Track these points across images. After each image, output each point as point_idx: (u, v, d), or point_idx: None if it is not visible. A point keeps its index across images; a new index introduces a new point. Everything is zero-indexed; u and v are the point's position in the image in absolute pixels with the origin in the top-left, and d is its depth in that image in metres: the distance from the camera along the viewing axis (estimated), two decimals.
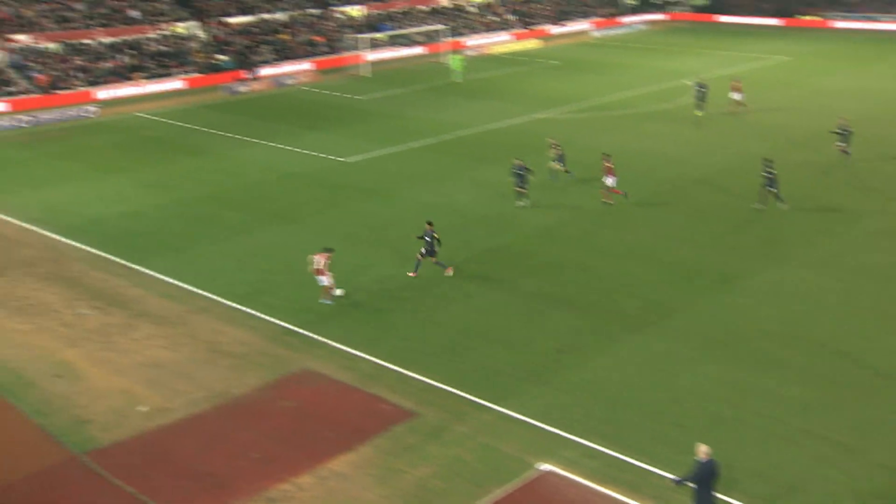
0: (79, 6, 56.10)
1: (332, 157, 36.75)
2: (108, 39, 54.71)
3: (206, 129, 42.63)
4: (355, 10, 68.85)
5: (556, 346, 20.12)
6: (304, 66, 59.70)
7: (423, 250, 23.83)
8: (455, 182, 32.70)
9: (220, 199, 31.42)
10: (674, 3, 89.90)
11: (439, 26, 67.77)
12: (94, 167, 36.03)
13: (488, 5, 77.57)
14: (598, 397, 17.92)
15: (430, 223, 23.95)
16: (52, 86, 49.17)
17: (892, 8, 76.17)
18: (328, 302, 22.37)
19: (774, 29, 76.68)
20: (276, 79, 55.92)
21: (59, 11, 54.99)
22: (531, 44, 70.93)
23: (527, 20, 77.00)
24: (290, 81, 55.82)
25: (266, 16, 63.45)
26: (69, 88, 49.98)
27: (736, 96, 43.33)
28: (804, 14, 79.14)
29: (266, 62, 58.73)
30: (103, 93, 50.59)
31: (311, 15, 66.07)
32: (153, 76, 53.55)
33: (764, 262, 24.60)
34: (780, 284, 23.04)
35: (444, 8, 74.45)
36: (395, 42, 66.57)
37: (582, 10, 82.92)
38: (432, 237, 23.65)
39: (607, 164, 29.30)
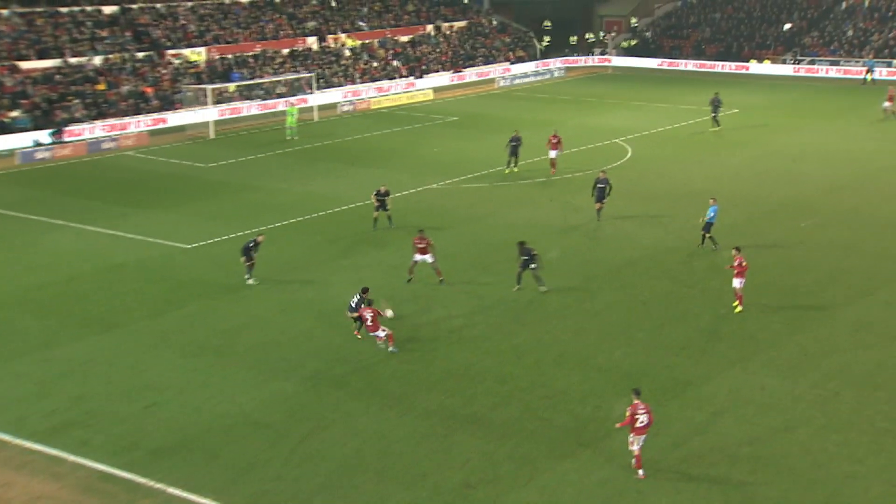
0: None
1: (169, 244, 36.82)
2: None
3: None
4: (195, 54, 69.90)
5: (465, 478, 20.60)
6: (129, 125, 59.89)
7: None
8: (330, 271, 33.29)
9: (12, 302, 30.92)
10: (595, 43, 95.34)
11: (304, 74, 69.50)
12: None
13: (367, 48, 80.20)
14: None
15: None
16: None
17: (857, 51, 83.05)
18: (394, 350, 26.32)
19: (722, 75, 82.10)
20: (89, 142, 55.82)
21: None
22: (423, 95, 73.48)
23: (416, 66, 79.88)
24: (108, 145, 55.84)
25: (74, 59, 63.57)
26: None
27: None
28: (757, 58, 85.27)
29: (75, 120, 58.57)
30: None
31: (137, 60, 66.59)
32: None
33: (721, 364, 26.00)
34: (741, 392, 24.36)
35: (308, 51, 76.49)
36: (247, 94, 67.73)
37: (485, 54, 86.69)
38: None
39: (419, 243, 31.44)
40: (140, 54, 67.11)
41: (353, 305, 27.69)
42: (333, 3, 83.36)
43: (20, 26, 63.94)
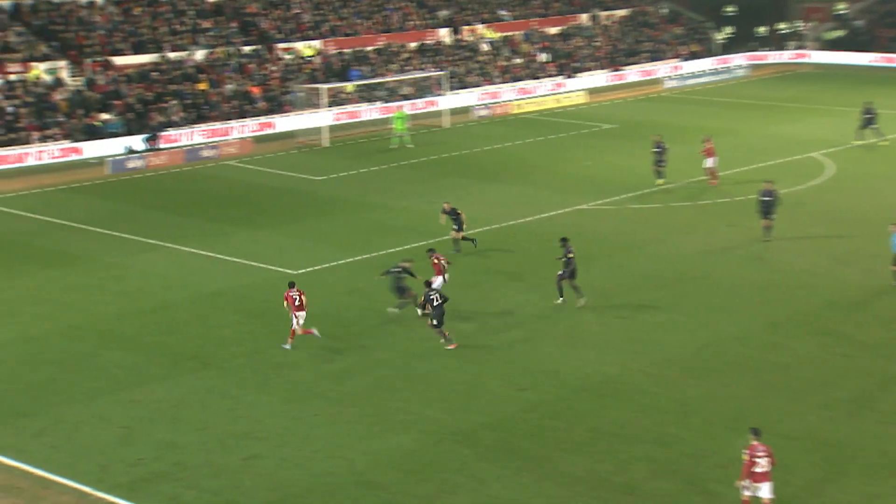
0: None
1: (274, 269, 37.28)
2: None
3: (75, 225, 43.40)
4: (309, 48, 71.39)
5: None
6: (232, 130, 61.42)
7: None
8: (456, 303, 33.27)
9: (97, 332, 31.69)
10: (789, 35, 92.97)
11: (435, 72, 70.10)
12: None
13: (508, 42, 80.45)
14: None
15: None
16: None
17: None
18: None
19: None
20: (187, 149, 57.41)
21: None
22: (574, 98, 73.20)
23: (566, 64, 79.67)
24: (208, 153, 57.29)
25: (173, 54, 65.72)
26: None
27: None
28: None
29: (172, 124, 60.41)
30: None
31: (243, 55, 68.38)
32: None
33: None
34: None
35: (439, 45, 77.21)
36: (367, 95, 68.68)
37: (651, 49, 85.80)
38: None
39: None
40: (246, 48, 68.90)
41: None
42: None
43: (115, 16, 66.47)
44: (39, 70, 60.14)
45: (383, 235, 40.93)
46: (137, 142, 57.30)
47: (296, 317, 30.13)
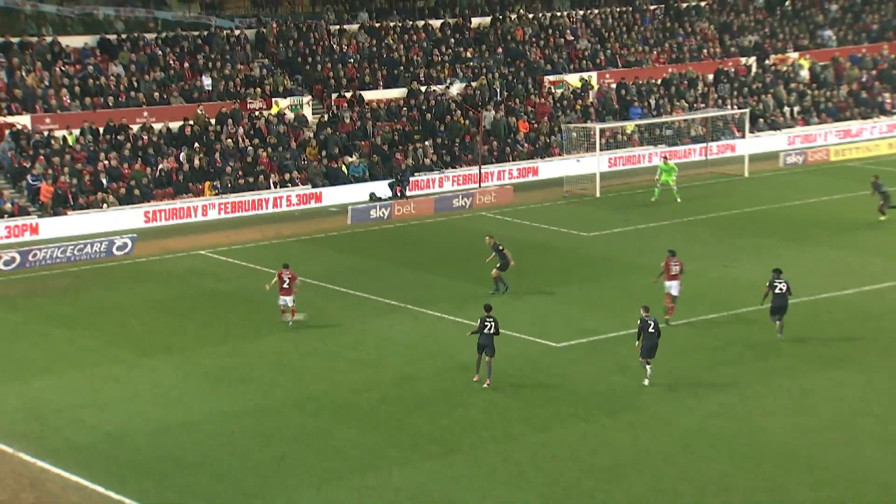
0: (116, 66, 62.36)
1: (532, 339, 37.84)
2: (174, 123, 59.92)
3: (312, 282, 44.88)
4: (581, 80, 71.92)
5: None
6: (491, 177, 62.74)
7: None
8: (756, 388, 32.91)
9: (330, 406, 32.87)
10: None
11: (731, 109, 69.53)
12: (118, 342, 38.72)
13: (835, 68, 78.73)
14: None
15: None
16: (59, 202, 54.13)
17: None
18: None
19: None
20: (438, 197, 59.04)
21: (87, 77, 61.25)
22: None
23: None
24: (462, 202, 58.70)
25: (439, 87, 67.52)
26: (87, 207, 54.88)
27: None
28: None
29: (423, 168, 62.17)
30: (135, 215, 55.10)
31: (510, 86, 69.34)
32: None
33: None
34: None
35: (742, 76, 76.41)
36: (649, 136, 68.67)
37: None
38: None
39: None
40: (518, 73, 70.25)
41: None
42: (787, 4, 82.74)
43: (366, 44, 69.28)
44: (281, 104, 63.38)
45: (659, 303, 40.70)
46: (382, 188, 59.36)
47: (283, 299, 38.66)
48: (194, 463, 29.35)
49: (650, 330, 33.40)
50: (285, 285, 38.90)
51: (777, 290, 36.74)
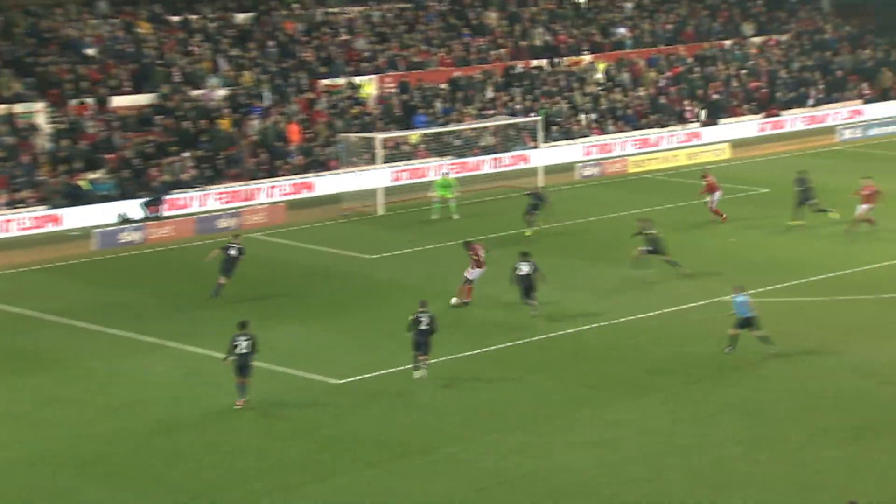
0: None
1: (310, 376, 37.51)
2: None
3: (51, 318, 43.86)
4: (363, 85, 71.61)
5: None
6: (259, 192, 62.09)
7: None
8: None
9: (74, 460, 31.76)
10: None
11: (522, 118, 70.37)
12: None
13: (630, 71, 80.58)
14: None
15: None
16: None
17: None
18: None
19: None
20: (199, 218, 58.08)
21: None
22: (713, 153, 73.34)
23: (711, 106, 79.70)
24: (227, 223, 57.81)
25: (195, 92, 66.38)
26: None
27: None
28: None
29: (181, 184, 60.98)
30: None
31: (277, 90, 68.87)
32: None
33: None
34: None
35: (534, 75, 77.39)
36: (436, 147, 69.05)
37: (829, 83, 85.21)
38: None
39: None
40: (299, 78, 69.86)
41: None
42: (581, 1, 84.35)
43: (110, 35, 67.41)
44: (16, 110, 61.16)
45: (454, 330, 40.65)
46: (134, 208, 58.09)
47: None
48: None
49: (422, 327, 36.28)
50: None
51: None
